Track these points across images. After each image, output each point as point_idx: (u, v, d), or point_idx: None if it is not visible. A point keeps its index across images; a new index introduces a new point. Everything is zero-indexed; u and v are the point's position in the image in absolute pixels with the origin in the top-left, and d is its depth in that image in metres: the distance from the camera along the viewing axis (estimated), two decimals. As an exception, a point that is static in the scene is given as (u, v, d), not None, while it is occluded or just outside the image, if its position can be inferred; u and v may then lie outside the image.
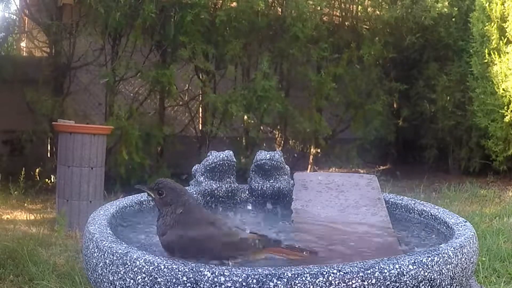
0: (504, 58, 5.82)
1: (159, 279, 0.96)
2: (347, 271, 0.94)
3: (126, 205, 1.52)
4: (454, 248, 1.09)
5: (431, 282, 1.01)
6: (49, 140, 5.91)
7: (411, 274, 0.98)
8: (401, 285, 0.97)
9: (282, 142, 6.97)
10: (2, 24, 6.11)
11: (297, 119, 6.49)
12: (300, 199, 1.61)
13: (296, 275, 0.92)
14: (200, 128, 6.44)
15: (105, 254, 1.07)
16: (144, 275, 0.98)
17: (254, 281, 0.92)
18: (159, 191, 1.20)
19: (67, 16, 5.86)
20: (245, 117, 6.32)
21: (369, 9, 6.99)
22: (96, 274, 1.10)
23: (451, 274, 1.05)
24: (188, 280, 0.94)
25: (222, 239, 1.14)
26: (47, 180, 5.71)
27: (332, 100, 6.70)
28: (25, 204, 4.87)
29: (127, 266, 1.01)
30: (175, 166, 5.87)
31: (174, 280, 0.95)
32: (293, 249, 1.18)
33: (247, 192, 1.79)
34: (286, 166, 1.80)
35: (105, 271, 1.06)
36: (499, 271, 3.01)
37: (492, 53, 5.89)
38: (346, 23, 7.00)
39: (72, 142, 4.07)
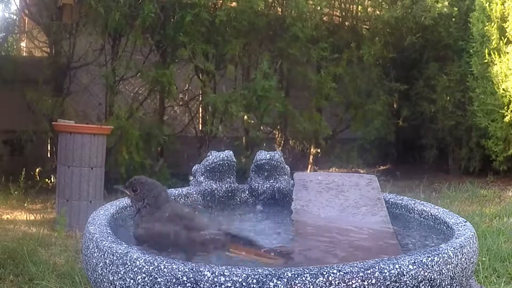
0: (504, 58, 5.82)
1: (159, 279, 0.96)
2: (347, 271, 0.94)
3: (126, 205, 1.52)
4: (454, 248, 1.09)
5: (431, 282, 1.01)
6: (49, 140, 5.91)
7: (411, 274, 0.98)
8: (401, 285, 0.97)
9: (282, 142, 6.97)
10: (2, 24, 6.11)
11: (297, 119, 6.49)
12: (300, 199, 1.61)
13: (296, 275, 0.92)
14: (200, 128, 6.44)
15: (105, 254, 1.07)
16: (144, 275, 0.98)
17: (254, 281, 0.92)
18: (133, 188, 1.23)
19: (67, 16, 5.85)
20: (245, 117, 6.32)
21: (369, 9, 6.99)
22: (96, 274, 1.10)
23: (451, 274, 1.05)
24: (188, 280, 0.94)
25: (187, 235, 1.15)
26: (47, 180, 5.71)
27: (332, 100, 6.70)
28: (25, 204, 4.86)
29: (127, 266, 1.01)
30: (175, 166, 5.88)
31: (174, 280, 0.95)
32: (263, 251, 1.16)
33: (247, 192, 1.80)
34: (286, 166, 1.80)
35: (105, 271, 1.06)
36: (499, 271, 3.01)
37: (492, 53, 5.89)
38: (346, 23, 7.00)
39: (72, 142, 4.07)
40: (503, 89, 5.82)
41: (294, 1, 6.09)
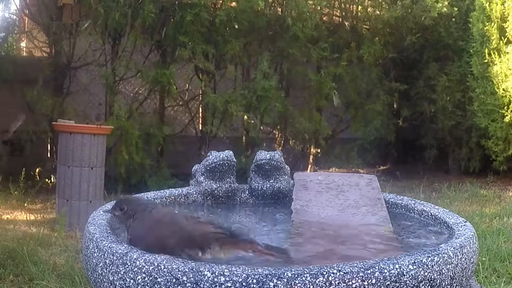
0: (504, 58, 5.82)
1: (159, 279, 0.96)
2: (347, 271, 0.95)
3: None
4: (454, 248, 1.09)
5: (431, 282, 1.01)
6: (49, 140, 5.91)
7: (411, 274, 0.98)
8: (401, 285, 0.97)
9: (282, 142, 6.97)
10: (2, 24, 6.11)
11: (297, 119, 6.49)
12: (300, 199, 1.61)
13: (296, 275, 0.92)
14: (200, 128, 6.44)
15: (105, 254, 1.07)
16: (144, 275, 0.98)
17: (254, 281, 0.92)
18: (120, 207, 1.24)
19: (67, 16, 5.86)
20: (245, 117, 6.32)
21: (369, 9, 6.99)
22: (96, 274, 1.10)
23: (451, 274, 1.05)
24: (188, 280, 0.94)
25: (175, 236, 1.14)
26: (47, 180, 5.71)
27: (332, 100, 6.70)
28: (25, 204, 4.86)
29: (127, 266, 1.01)
30: (175, 166, 5.88)
31: (174, 280, 0.95)
32: (265, 249, 1.18)
33: (247, 192, 1.79)
34: (286, 166, 1.80)
35: (105, 271, 1.06)
36: (499, 271, 3.01)
37: (492, 53, 5.89)
38: (346, 23, 7.00)
39: (72, 142, 4.07)
40: (503, 89, 5.82)
41: (294, 1, 6.09)
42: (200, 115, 6.57)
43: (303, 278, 0.92)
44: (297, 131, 6.70)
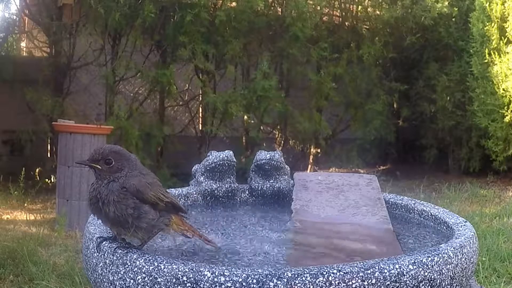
0: (504, 58, 5.82)
1: (159, 279, 0.96)
2: (347, 271, 0.95)
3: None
4: (454, 248, 1.09)
5: (431, 282, 1.01)
6: (49, 140, 5.91)
7: (411, 274, 0.98)
8: (401, 285, 0.97)
9: (282, 142, 6.97)
10: (2, 24, 6.11)
11: (297, 119, 6.49)
12: (300, 199, 1.61)
13: (296, 275, 0.92)
14: (200, 128, 6.44)
15: (105, 254, 1.07)
16: (144, 275, 0.98)
17: (254, 281, 0.92)
18: (107, 160, 1.14)
19: (67, 16, 5.85)
20: (245, 117, 6.32)
21: (369, 9, 7.00)
22: (96, 274, 1.10)
23: (451, 274, 1.06)
24: (188, 280, 0.94)
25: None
26: (47, 180, 5.71)
27: (332, 100, 6.70)
28: (25, 204, 4.87)
29: (127, 266, 1.01)
30: (175, 166, 5.87)
31: (174, 280, 0.95)
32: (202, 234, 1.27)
33: (247, 192, 1.79)
34: (286, 166, 1.80)
35: (105, 271, 1.06)
36: (499, 271, 3.01)
37: (492, 53, 5.89)
38: (346, 23, 7.00)
39: (72, 142, 4.08)
40: (503, 89, 5.82)
41: (294, 1, 6.09)
42: (200, 115, 6.57)
43: (303, 278, 0.92)
44: (297, 131, 6.70)
